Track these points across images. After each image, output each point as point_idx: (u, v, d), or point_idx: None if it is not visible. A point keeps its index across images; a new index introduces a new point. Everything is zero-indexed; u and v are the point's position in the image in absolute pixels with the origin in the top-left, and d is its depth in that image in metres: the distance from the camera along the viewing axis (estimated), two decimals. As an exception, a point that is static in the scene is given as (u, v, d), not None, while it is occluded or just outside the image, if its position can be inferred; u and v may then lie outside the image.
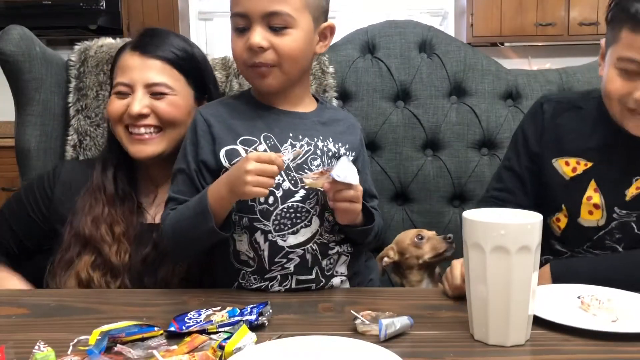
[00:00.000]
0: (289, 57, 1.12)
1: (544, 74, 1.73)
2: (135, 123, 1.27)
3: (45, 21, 3.64)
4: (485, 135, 1.67)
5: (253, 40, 1.10)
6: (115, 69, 1.33)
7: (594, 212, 1.23)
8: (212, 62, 1.61)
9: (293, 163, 1.14)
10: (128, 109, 1.26)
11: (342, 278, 1.22)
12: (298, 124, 1.19)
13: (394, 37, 1.70)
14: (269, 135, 1.16)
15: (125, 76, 1.28)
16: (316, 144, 1.17)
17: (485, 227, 0.87)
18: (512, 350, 0.88)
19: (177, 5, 3.98)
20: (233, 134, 1.16)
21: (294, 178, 1.14)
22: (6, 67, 1.47)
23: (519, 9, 3.78)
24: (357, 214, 1.13)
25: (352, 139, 1.24)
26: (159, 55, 1.29)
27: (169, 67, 1.29)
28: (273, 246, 1.14)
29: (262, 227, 1.13)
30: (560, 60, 3.71)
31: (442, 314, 1.03)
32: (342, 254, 1.22)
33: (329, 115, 1.25)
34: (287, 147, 1.15)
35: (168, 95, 1.28)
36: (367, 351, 0.82)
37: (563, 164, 1.27)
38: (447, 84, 1.68)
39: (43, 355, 0.81)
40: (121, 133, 1.30)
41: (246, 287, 1.17)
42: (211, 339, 0.89)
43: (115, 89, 1.30)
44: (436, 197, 1.66)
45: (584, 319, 0.95)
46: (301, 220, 1.14)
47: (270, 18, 1.10)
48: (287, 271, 1.15)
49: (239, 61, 1.17)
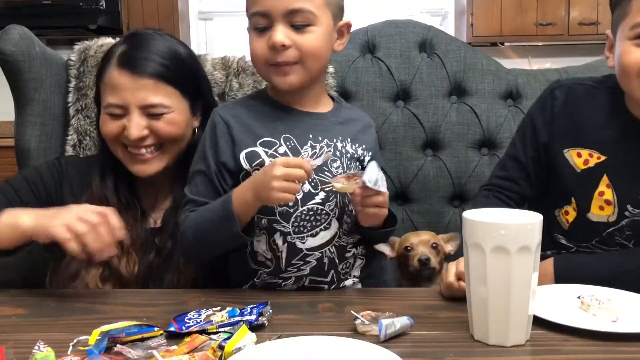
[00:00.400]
0: (311, 54, 1.12)
1: (544, 73, 1.73)
2: (135, 145, 1.23)
3: (45, 21, 3.64)
4: (485, 135, 1.67)
5: (276, 38, 1.09)
6: (102, 85, 1.27)
7: (605, 208, 1.19)
8: (212, 62, 1.61)
9: None
10: (125, 133, 1.22)
11: (354, 280, 1.22)
12: (317, 125, 1.18)
13: (394, 37, 1.70)
14: (289, 136, 1.15)
15: (116, 97, 1.23)
16: (335, 145, 1.17)
17: (485, 227, 0.86)
18: (512, 350, 0.88)
19: (177, 5, 3.97)
20: (252, 135, 1.15)
21: (314, 180, 1.13)
22: (6, 67, 1.47)
23: (519, 8, 3.78)
24: (382, 218, 1.14)
25: (368, 138, 1.25)
26: (149, 73, 1.22)
27: (162, 84, 1.24)
28: (291, 248, 1.14)
29: (281, 229, 1.13)
30: (560, 60, 3.71)
31: (442, 314, 1.03)
32: (358, 257, 1.22)
33: (345, 114, 1.24)
34: (307, 148, 1.15)
35: (165, 114, 1.24)
36: (367, 351, 0.82)
37: (575, 155, 1.22)
38: (447, 84, 1.68)
39: (43, 355, 0.81)
40: (120, 153, 1.27)
41: (259, 284, 1.18)
42: (211, 339, 0.89)
43: (107, 109, 1.25)
44: (436, 197, 1.66)
45: (584, 319, 0.95)
46: (321, 222, 1.14)
47: (292, 16, 1.10)
48: (303, 273, 1.15)
49: (259, 60, 1.14)
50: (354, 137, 1.21)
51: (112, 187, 1.28)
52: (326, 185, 1.13)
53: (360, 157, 1.21)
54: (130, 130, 1.21)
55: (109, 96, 1.24)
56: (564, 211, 1.25)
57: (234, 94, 1.57)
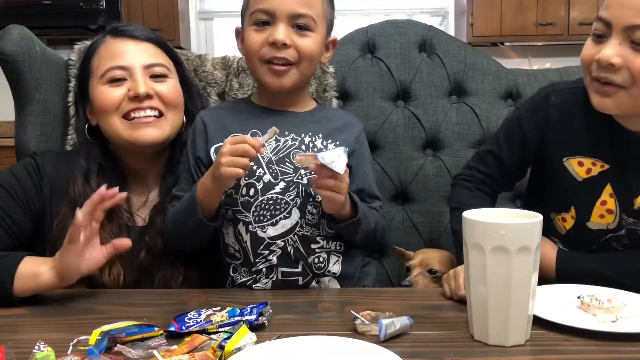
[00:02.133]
0: (307, 57, 1.18)
1: (544, 73, 1.73)
2: (139, 106, 1.21)
3: (45, 21, 3.64)
4: (485, 135, 1.67)
5: (278, 36, 1.14)
6: (95, 59, 1.25)
7: (606, 217, 1.16)
8: (212, 62, 1.61)
9: (275, 156, 1.18)
10: (130, 92, 1.21)
11: (330, 278, 1.22)
12: (287, 121, 1.22)
13: (394, 36, 1.70)
14: (256, 131, 1.19)
15: (117, 60, 1.22)
16: (302, 139, 1.20)
17: (485, 227, 0.86)
18: (512, 350, 0.88)
19: (177, 5, 3.98)
20: (224, 131, 1.20)
21: (275, 171, 1.17)
22: (6, 67, 1.47)
23: (519, 8, 3.78)
24: (339, 205, 1.13)
25: (345, 136, 1.25)
26: (150, 38, 1.26)
27: (161, 51, 1.28)
28: (254, 237, 1.17)
29: (244, 219, 1.18)
30: (560, 60, 3.71)
31: (442, 314, 1.03)
32: (332, 253, 1.22)
33: (323, 115, 1.28)
34: (271, 141, 1.18)
35: (168, 77, 1.26)
36: (367, 351, 0.82)
37: (576, 164, 1.16)
38: (447, 84, 1.68)
39: (43, 355, 0.81)
40: (118, 124, 1.22)
41: (236, 280, 1.21)
42: (211, 339, 0.89)
43: (106, 75, 1.22)
44: (436, 197, 1.66)
45: (584, 319, 0.95)
46: (280, 212, 1.17)
47: (296, 19, 1.16)
48: (271, 263, 1.18)
49: (254, 56, 1.18)
50: (328, 134, 1.23)
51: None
52: (296, 162, 1.16)
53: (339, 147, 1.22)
54: (136, 87, 1.21)
55: (109, 62, 1.23)
56: (561, 217, 1.22)
57: (234, 93, 1.57)
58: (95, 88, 1.25)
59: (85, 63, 1.29)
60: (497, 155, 1.27)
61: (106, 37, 1.27)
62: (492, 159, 1.28)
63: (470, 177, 1.30)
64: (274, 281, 1.19)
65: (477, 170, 1.29)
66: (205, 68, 1.59)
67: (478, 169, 1.29)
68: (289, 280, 1.19)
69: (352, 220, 1.16)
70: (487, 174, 1.28)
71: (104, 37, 1.28)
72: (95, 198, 1.05)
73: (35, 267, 1.08)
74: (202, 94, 1.51)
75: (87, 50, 1.30)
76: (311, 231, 1.19)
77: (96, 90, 1.24)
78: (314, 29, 1.18)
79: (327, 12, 1.22)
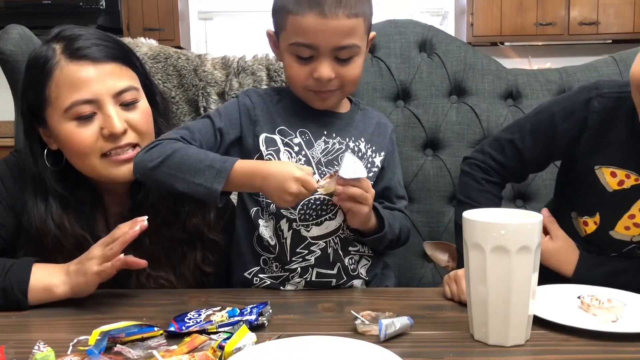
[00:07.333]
0: (352, 82, 1.17)
1: (544, 73, 1.72)
2: (117, 145, 1.12)
3: (45, 21, 3.61)
4: (485, 135, 1.67)
5: (323, 73, 1.11)
6: (51, 86, 1.09)
7: (632, 229, 1.11)
8: (212, 61, 1.61)
9: (325, 158, 1.17)
10: (104, 131, 1.10)
11: (362, 280, 1.23)
12: (332, 123, 1.21)
13: (394, 36, 1.70)
14: (304, 130, 1.19)
15: (82, 91, 1.08)
16: (347, 143, 1.20)
17: (485, 227, 0.86)
18: (512, 350, 0.88)
19: (177, 5, 3.98)
20: (272, 121, 1.18)
21: (323, 172, 1.16)
22: (6, 67, 1.47)
23: (519, 8, 3.78)
24: (364, 217, 1.12)
25: (381, 139, 1.26)
26: (112, 56, 1.12)
27: (126, 68, 1.15)
28: (296, 235, 1.16)
29: (288, 215, 1.16)
30: (561, 60, 3.72)
31: (442, 314, 1.03)
32: (364, 256, 1.23)
33: (361, 115, 1.27)
34: (320, 143, 1.18)
35: (137, 101, 1.15)
36: (367, 351, 0.82)
37: (608, 174, 1.10)
38: (447, 84, 1.68)
39: (43, 355, 0.81)
40: (96, 163, 1.12)
41: (267, 272, 1.20)
42: (211, 339, 0.89)
43: (71, 111, 1.09)
44: (436, 197, 1.65)
45: (584, 319, 0.95)
46: (326, 212, 1.16)
47: (339, 51, 1.12)
48: (308, 263, 1.17)
49: (298, 84, 1.16)
50: (367, 138, 1.24)
51: (65, 222, 1.13)
52: (317, 193, 1.13)
53: (368, 158, 1.23)
54: (112, 125, 1.09)
55: (72, 93, 1.08)
56: (583, 221, 1.17)
57: (234, 93, 1.57)
58: (60, 123, 1.11)
59: (39, 86, 1.11)
60: (519, 147, 1.19)
61: (60, 59, 1.10)
62: (511, 150, 1.20)
63: (483, 164, 1.22)
64: (308, 281, 1.18)
65: (491, 157, 1.21)
66: (205, 68, 1.59)
67: (493, 157, 1.21)
68: (323, 282, 1.18)
69: (378, 235, 1.16)
70: (503, 164, 1.20)
71: (57, 60, 1.10)
72: (127, 239, 1.02)
73: (49, 279, 1.06)
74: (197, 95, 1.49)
75: (38, 69, 1.11)
76: (351, 234, 1.19)
77: (62, 126, 1.11)
78: (358, 54, 1.14)
79: (368, 19, 1.15)
